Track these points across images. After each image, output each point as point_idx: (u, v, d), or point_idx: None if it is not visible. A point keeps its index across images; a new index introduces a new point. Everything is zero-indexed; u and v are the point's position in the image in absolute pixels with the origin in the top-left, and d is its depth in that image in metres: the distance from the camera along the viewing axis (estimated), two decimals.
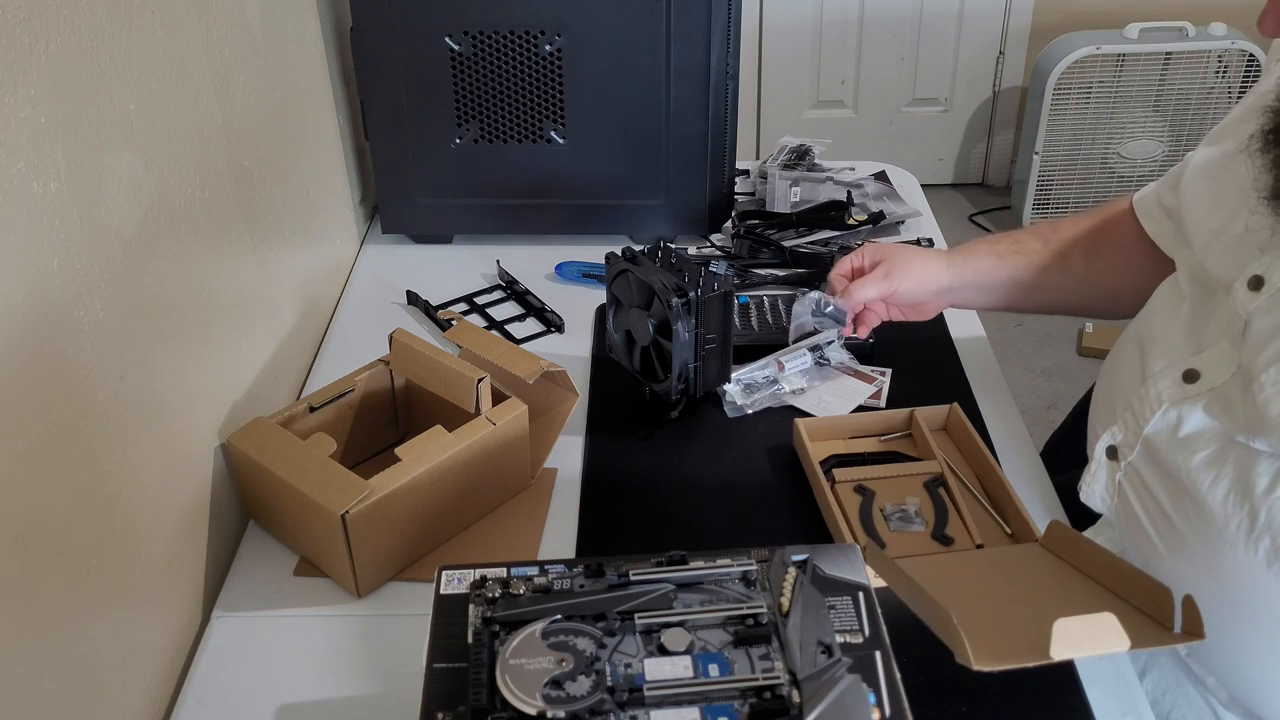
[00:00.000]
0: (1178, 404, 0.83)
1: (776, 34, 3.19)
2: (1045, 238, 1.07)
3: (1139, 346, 0.91)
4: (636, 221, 1.42)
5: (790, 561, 0.70)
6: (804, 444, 1.02)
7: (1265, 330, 0.77)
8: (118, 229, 0.79)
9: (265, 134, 1.09)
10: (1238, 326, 0.79)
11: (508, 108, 1.33)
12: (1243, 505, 0.77)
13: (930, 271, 1.08)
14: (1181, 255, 0.91)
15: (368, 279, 1.39)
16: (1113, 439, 0.89)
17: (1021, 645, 0.67)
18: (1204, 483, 0.80)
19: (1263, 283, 0.77)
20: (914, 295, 1.08)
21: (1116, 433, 0.89)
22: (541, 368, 1.01)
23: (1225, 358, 0.81)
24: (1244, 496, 0.77)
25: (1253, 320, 0.78)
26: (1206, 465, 0.80)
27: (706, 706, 0.61)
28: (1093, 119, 2.98)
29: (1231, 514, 0.78)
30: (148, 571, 0.84)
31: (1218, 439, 0.80)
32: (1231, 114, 0.90)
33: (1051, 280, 1.06)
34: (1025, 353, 2.73)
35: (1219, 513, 0.79)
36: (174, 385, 0.88)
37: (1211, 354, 0.82)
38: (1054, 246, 1.06)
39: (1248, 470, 0.77)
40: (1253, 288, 0.78)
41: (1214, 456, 0.80)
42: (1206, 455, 0.80)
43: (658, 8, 1.26)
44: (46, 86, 0.69)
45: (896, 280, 1.06)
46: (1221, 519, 0.79)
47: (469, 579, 0.70)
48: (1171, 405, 0.83)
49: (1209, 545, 0.78)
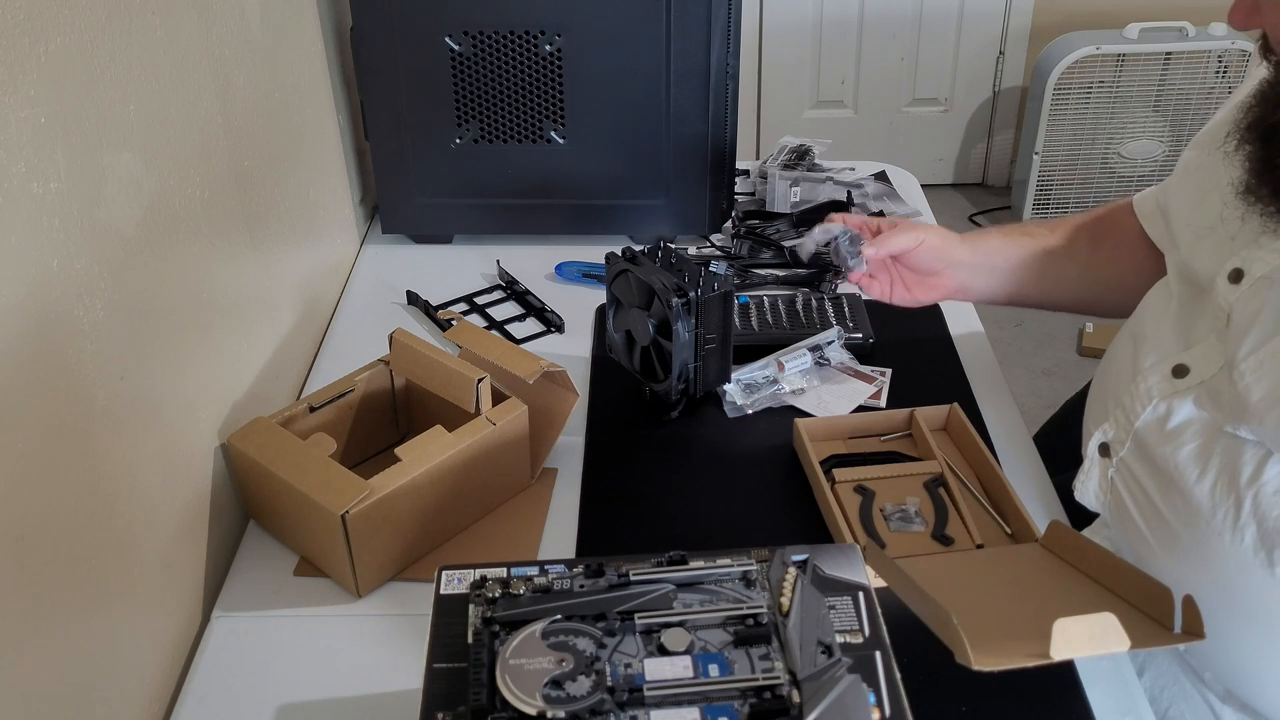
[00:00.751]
0: (1167, 398, 0.84)
1: (776, 34, 3.19)
2: (1052, 226, 1.09)
3: (1132, 345, 0.92)
4: (636, 221, 1.42)
5: (790, 561, 0.70)
6: (804, 444, 1.02)
7: (1244, 319, 0.78)
8: (118, 229, 0.79)
9: (265, 134, 1.09)
10: (1222, 320, 0.81)
11: (508, 108, 1.33)
12: (1229, 494, 0.78)
13: (948, 241, 1.08)
14: (1170, 255, 0.93)
15: (368, 279, 1.39)
16: (1105, 436, 0.90)
17: (1021, 645, 0.67)
18: (1191, 474, 0.81)
19: (1242, 275, 0.79)
20: (931, 261, 1.07)
21: (1108, 429, 0.90)
22: (541, 368, 1.01)
23: (1213, 352, 0.82)
24: (1230, 486, 0.78)
25: (1233, 312, 0.79)
26: (1194, 457, 0.81)
27: (706, 707, 0.61)
28: (1093, 119, 2.98)
29: (1219, 503, 0.79)
30: (148, 571, 0.84)
31: (1205, 430, 0.81)
32: (1215, 117, 0.91)
33: (1057, 267, 1.07)
34: (1025, 353, 2.73)
35: (1206, 504, 0.80)
36: (174, 385, 0.88)
37: (1200, 349, 0.83)
38: (1060, 233, 1.08)
39: (1234, 459, 0.78)
40: (1233, 280, 0.80)
41: (1201, 448, 0.81)
42: (1194, 447, 0.81)
43: (658, 8, 1.26)
44: (46, 86, 0.69)
45: (921, 234, 1.06)
46: (1209, 510, 0.80)
47: (469, 579, 0.70)
48: (1161, 399, 0.84)
49: (1198, 537, 0.79)
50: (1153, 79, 2.92)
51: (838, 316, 1.23)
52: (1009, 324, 2.81)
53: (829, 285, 1.30)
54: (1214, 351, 0.82)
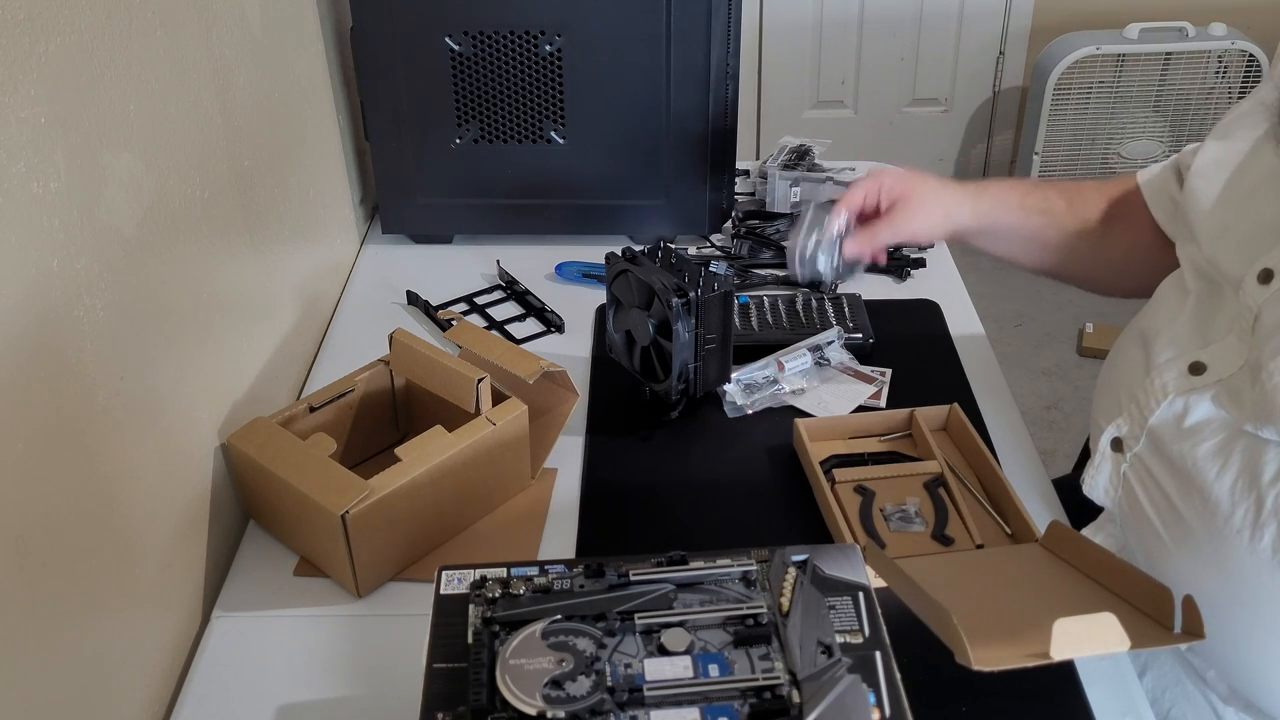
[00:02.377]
0: (1184, 394, 0.83)
1: (777, 34, 3.19)
2: (1070, 199, 1.06)
3: (1142, 341, 0.91)
4: (636, 222, 1.42)
5: (790, 562, 0.70)
6: (804, 444, 1.02)
7: (1275, 320, 0.77)
8: (118, 229, 0.79)
9: (265, 134, 1.09)
10: (1247, 320, 0.79)
11: (508, 108, 1.33)
12: (1250, 493, 0.77)
13: (951, 208, 1.04)
14: (1187, 250, 0.91)
15: (368, 279, 1.39)
16: (1118, 430, 0.89)
17: (1021, 645, 0.67)
18: (1210, 472, 0.80)
19: (1273, 275, 0.78)
20: (930, 235, 1.05)
21: (1121, 424, 0.88)
22: (542, 368, 1.01)
23: (1233, 351, 0.81)
24: (1251, 484, 0.77)
25: (1263, 313, 0.78)
26: (1213, 454, 0.80)
27: (706, 707, 0.61)
28: (1093, 119, 2.98)
29: (1239, 502, 0.78)
30: (148, 571, 0.84)
31: (1225, 428, 0.80)
32: (1239, 108, 0.90)
33: (1071, 245, 1.05)
34: (1025, 353, 2.73)
35: (1225, 501, 0.79)
36: (174, 385, 0.88)
37: (1218, 347, 0.82)
38: (1079, 210, 1.05)
39: (1256, 458, 0.77)
40: (1262, 281, 0.79)
41: (1221, 445, 0.80)
42: (1213, 445, 0.80)
43: (658, 8, 1.26)
44: (46, 86, 0.69)
45: (916, 223, 1.03)
46: (1228, 507, 0.79)
47: (469, 579, 0.70)
48: (1177, 395, 0.83)
49: (1214, 535, 0.78)
50: (1153, 79, 2.92)
51: (838, 316, 1.23)
52: (1009, 324, 2.81)
53: (829, 286, 1.30)
54: (1233, 351, 0.81)
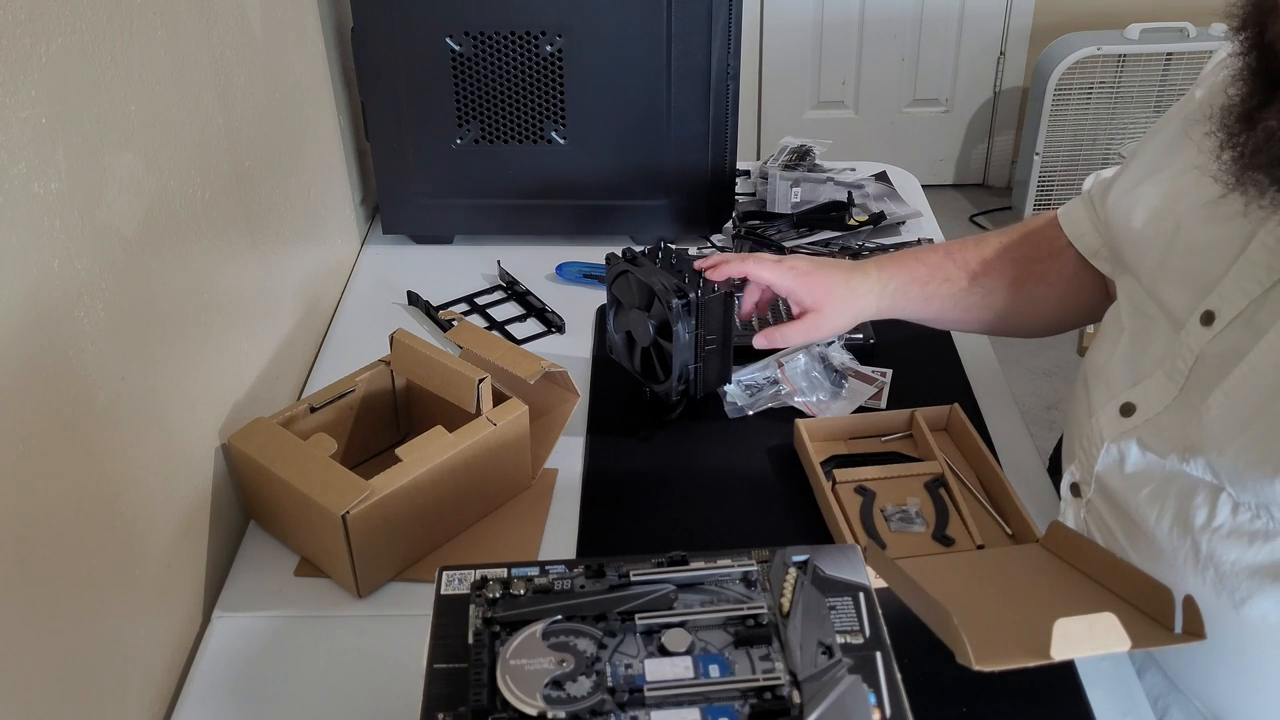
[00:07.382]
0: (1116, 440, 0.83)
1: (777, 34, 3.19)
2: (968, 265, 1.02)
3: (1084, 382, 0.92)
4: (637, 222, 1.42)
5: (791, 562, 0.70)
6: (804, 444, 1.02)
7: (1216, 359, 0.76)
8: (118, 229, 0.79)
9: (266, 134, 1.09)
10: (1185, 360, 0.79)
11: (508, 108, 1.33)
12: (1185, 538, 0.78)
13: (858, 311, 1.03)
14: (1124, 282, 0.90)
15: (368, 279, 1.39)
16: (1073, 476, 0.90)
17: (1022, 645, 0.67)
18: (1150, 517, 0.80)
19: (1214, 317, 0.77)
20: (839, 331, 1.05)
21: (1075, 470, 0.90)
22: (542, 368, 1.01)
23: (1161, 389, 0.81)
24: (1185, 529, 0.78)
25: (1204, 354, 0.77)
26: (1151, 500, 0.81)
27: (707, 707, 0.61)
28: (1093, 119, 2.98)
29: (1178, 546, 0.79)
30: (148, 571, 0.84)
31: (1160, 472, 0.80)
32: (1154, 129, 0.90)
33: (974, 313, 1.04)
34: (1025, 353, 2.73)
35: (1167, 545, 0.79)
36: (174, 386, 0.88)
37: (1147, 386, 0.82)
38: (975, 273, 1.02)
39: (1186, 504, 0.78)
40: (1205, 323, 0.77)
41: (1156, 490, 0.80)
42: (1150, 490, 0.81)
43: (658, 8, 1.26)
44: (47, 87, 0.69)
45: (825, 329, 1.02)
46: (1170, 551, 0.79)
47: (469, 579, 0.70)
48: (1111, 442, 0.84)
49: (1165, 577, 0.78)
50: (1153, 80, 2.92)
51: None
52: None
53: None
54: (1161, 389, 0.81)
